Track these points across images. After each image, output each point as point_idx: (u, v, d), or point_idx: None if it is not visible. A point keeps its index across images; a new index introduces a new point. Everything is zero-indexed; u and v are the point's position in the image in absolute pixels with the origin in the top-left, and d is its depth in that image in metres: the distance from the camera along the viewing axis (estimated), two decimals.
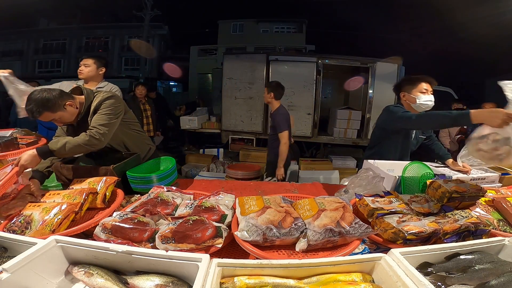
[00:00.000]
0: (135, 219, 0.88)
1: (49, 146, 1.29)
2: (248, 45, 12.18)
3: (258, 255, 0.79)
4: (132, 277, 0.72)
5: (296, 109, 4.83)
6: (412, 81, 1.62)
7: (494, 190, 1.30)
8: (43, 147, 1.29)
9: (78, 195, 1.05)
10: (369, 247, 0.98)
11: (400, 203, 1.06)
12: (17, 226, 0.93)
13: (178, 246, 0.79)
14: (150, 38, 14.46)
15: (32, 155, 1.24)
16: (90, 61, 2.10)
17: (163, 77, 13.96)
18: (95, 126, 1.39)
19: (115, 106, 1.49)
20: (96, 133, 1.36)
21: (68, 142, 1.30)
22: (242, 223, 0.87)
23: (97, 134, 1.36)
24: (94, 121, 1.41)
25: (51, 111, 1.32)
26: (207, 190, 1.32)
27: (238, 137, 5.21)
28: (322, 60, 4.71)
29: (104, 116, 1.43)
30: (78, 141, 1.32)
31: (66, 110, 1.38)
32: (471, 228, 0.88)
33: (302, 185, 1.86)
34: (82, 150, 1.36)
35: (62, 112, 1.36)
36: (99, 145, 1.39)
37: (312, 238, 0.81)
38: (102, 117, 1.43)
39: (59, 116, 1.37)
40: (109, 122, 1.43)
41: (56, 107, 1.33)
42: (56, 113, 1.34)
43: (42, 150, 1.28)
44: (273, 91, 2.67)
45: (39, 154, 1.26)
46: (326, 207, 0.91)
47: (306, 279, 0.72)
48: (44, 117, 1.32)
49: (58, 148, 1.28)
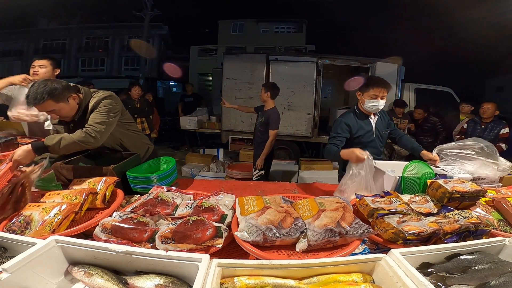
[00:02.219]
0: (135, 219, 0.88)
1: (44, 142, 1.28)
2: (248, 45, 12.19)
3: (258, 255, 0.79)
4: (132, 277, 0.72)
5: (296, 109, 4.83)
6: (367, 85, 1.78)
7: (494, 190, 1.30)
8: (38, 143, 1.28)
9: (78, 195, 1.05)
10: (369, 247, 0.98)
11: (400, 203, 1.06)
12: (16, 226, 0.93)
13: (178, 246, 0.78)
14: (150, 38, 14.46)
15: (26, 150, 1.23)
16: (46, 62, 2.08)
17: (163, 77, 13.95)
18: (91, 124, 1.38)
19: (113, 106, 1.49)
20: (92, 130, 1.36)
21: (63, 138, 1.29)
22: (242, 223, 0.87)
23: (93, 132, 1.35)
24: (91, 119, 1.41)
25: (54, 100, 1.33)
26: (207, 190, 1.32)
27: (238, 137, 5.21)
28: (322, 60, 4.71)
29: (101, 114, 1.43)
30: (73, 138, 1.31)
31: (68, 103, 1.39)
32: (471, 228, 0.88)
33: (302, 185, 1.86)
34: (77, 147, 1.34)
35: (64, 104, 1.37)
36: (95, 143, 1.38)
37: (312, 238, 0.81)
38: (99, 115, 1.43)
39: (59, 108, 1.37)
40: (106, 121, 1.42)
41: (61, 98, 1.34)
42: (58, 104, 1.35)
43: (37, 146, 1.27)
44: (269, 90, 2.91)
45: (33, 150, 1.25)
46: (326, 207, 0.91)
47: (306, 279, 0.72)
48: (46, 105, 1.32)
49: (53, 144, 1.27)
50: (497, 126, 3.33)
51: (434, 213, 1.02)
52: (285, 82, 4.49)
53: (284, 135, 4.78)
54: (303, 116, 4.85)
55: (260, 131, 2.99)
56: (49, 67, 2.09)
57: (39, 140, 1.73)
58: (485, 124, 3.39)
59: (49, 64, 2.09)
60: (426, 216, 0.99)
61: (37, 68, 2.05)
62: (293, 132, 4.92)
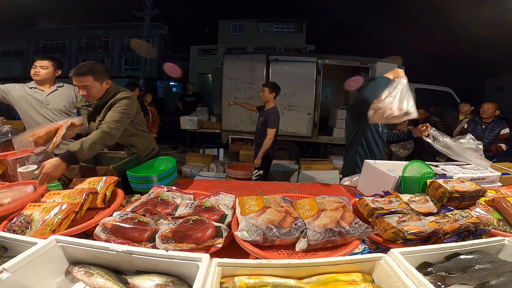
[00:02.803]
0: (135, 219, 0.88)
1: (70, 150, 1.31)
2: (248, 45, 12.20)
3: (258, 255, 0.79)
4: (132, 277, 0.72)
5: (296, 109, 4.84)
6: None
7: (494, 190, 1.30)
8: (65, 153, 1.30)
9: (78, 195, 1.05)
10: (369, 247, 0.98)
11: (400, 203, 1.06)
12: (17, 226, 0.93)
13: (178, 246, 0.79)
14: (150, 38, 14.46)
15: (55, 163, 1.23)
16: (48, 63, 2.06)
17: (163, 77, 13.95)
18: (107, 121, 1.49)
19: (129, 107, 1.60)
20: (108, 127, 1.45)
21: (83, 141, 1.36)
22: (242, 223, 0.87)
23: (108, 129, 1.44)
24: (107, 117, 1.52)
25: (94, 77, 1.51)
26: (207, 190, 1.32)
27: (238, 137, 5.21)
28: (322, 60, 4.71)
29: (118, 113, 1.54)
30: (92, 138, 1.39)
31: (101, 85, 1.56)
32: (471, 228, 0.88)
33: (302, 185, 1.86)
34: (97, 146, 1.42)
35: (98, 84, 1.54)
36: (111, 140, 1.48)
37: (312, 238, 0.81)
38: (116, 114, 1.53)
39: (93, 86, 1.52)
40: (120, 120, 1.53)
41: (99, 77, 1.53)
42: (94, 82, 1.52)
43: (65, 155, 1.28)
44: (274, 91, 2.95)
45: (63, 160, 1.26)
46: (326, 207, 0.91)
47: (306, 279, 0.72)
48: (84, 80, 1.49)
49: (78, 149, 1.32)
50: (498, 127, 3.32)
51: (434, 212, 1.02)
52: (285, 82, 4.50)
53: (284, 135, 4.79)
54: (303, 116, 4.85)
55: (260, 131, 3.01)
56: (51, 68, 2.08)
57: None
58: (485, 124, 3.39)
59: (51, 65, 2.08)
60: (426, 215, 1.00)
61: (39, 69, 2.04)
62: (293, 132, 4.93)
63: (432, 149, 1.72)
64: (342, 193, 1.63)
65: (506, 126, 3.32)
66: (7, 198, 1.04)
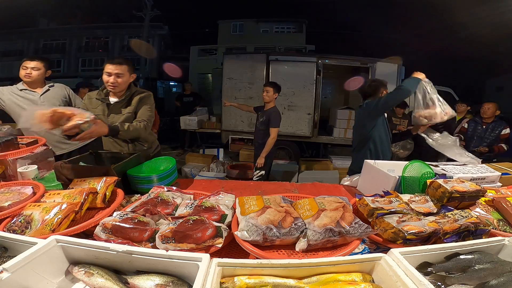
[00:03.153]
0: (135, 219, 0.88)
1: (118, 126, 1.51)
2: (248, 45, 12.17)
3: (258, 255, 0.79)
4: (132, 277, 0.72)
5: (296, 109, 4.83)
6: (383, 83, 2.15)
7: (494, 190, 1.30)
8: (114, 125, 1.51)
9: (78, 194, 1.05)
10: (369, 247, 0.98)
11: (400, 203, 1.06)
12: (17, 226, 0.93)
13: (178, 246, 0.79)
14: (150, 38, 14.45)
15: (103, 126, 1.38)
16: (39, 64, 2.00)
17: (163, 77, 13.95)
18: (144, 119, 1.67)
19: (153, 104, 1.80)
20: (145, 124, 1.65)
21: (130, 125, 1.57)
22: (242, 223, 0.87)
23: (144, 125, 1.65)
24: (142, 114, 1.69)
25: (129, 68, 1.66)
26: (207, 190, 1.32)
27: (238, 137, 5.21)
28: (322, 60, 4.71)
29: (149, 111, 1.72)
30: (135, 127, 1.59)
31: (130, 77, 1.70)
32: (471, 228, 0.88)
33: (302, 185, 1.86)
34: (135, 135, 1.64)
35: (129, 75, 1.68)
36: (144, 135, 1.71)
37: (312, 238, 0.81)
38: (148, 112, 1.72)
39: (124, 75, 1.65)
40: (151, 117, 1.71)
41: (131, 69, 1.69)
42: (127, 72, 1.66)
43: (112, 127, 1.47)
44: (277, 91, 2.99)
45: (109, 129, 1.43)
46: (326, 207, 0.91)
47: (306, 279, 0.72)
48: (121, 68, 1.62)
49: (125, 129, 1.52)
50: (498, 127, 3.32)
51: (434, 212, 1.02)
52: (285, 82, 4.49)
53: (284, 135, 4.78)
54: (303, 116, 4.85)
55: (260, 131, 2.98)
56: (42, 69, 2.02)
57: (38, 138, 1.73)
58: (486, 125, 3.39)
59: (42, 66, 2.02)
60: (426, 215, 1.00)
61: (30, 70, 1.97)
62: (293, 132, 4.93)
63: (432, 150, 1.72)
64: (342, 193, 1.63)
65: (507, 126, 3.32)
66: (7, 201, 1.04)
